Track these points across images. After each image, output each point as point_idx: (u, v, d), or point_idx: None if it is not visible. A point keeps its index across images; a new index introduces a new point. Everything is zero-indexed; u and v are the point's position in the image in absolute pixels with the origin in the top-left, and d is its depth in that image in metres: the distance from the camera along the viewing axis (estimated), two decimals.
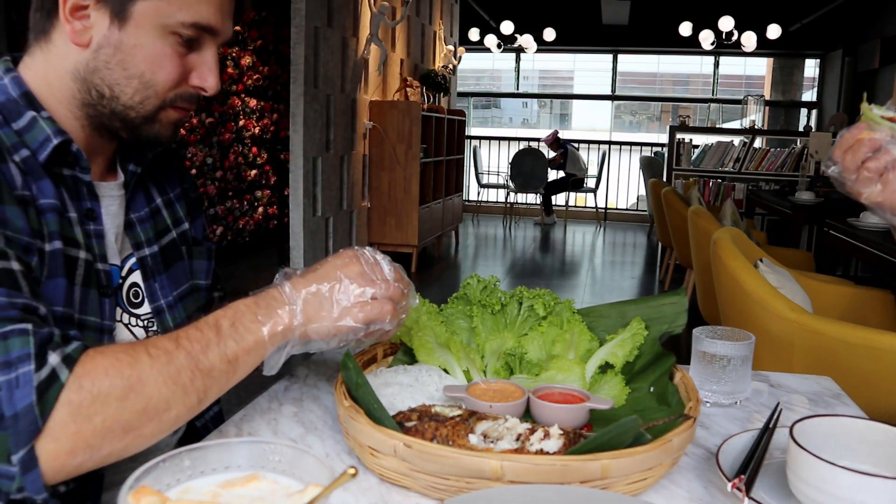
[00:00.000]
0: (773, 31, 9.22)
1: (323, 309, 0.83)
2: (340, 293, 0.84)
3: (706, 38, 9.36)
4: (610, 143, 10.47)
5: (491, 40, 9.62)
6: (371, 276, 0.86)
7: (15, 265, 0.74)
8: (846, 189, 0.78)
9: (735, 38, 9.28)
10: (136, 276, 0.97)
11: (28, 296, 0.74)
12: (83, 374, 0.71)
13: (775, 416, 0.87)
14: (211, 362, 0.77)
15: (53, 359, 0.70)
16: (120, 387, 0.72)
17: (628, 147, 10.83)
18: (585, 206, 10.32)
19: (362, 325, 0.84)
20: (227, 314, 0.80)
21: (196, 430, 1.07)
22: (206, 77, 0.89)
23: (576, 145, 9.75)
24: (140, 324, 0.97)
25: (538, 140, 10.03)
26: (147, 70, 0.85)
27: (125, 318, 0.96)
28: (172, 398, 0.75)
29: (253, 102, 6.86)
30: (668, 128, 7.34)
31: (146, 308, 0.98)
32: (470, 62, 10.57)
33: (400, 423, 0.81)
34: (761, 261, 2.33)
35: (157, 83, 0.86)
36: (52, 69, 0.87)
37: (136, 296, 0.98)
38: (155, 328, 0.99)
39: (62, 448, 0.69)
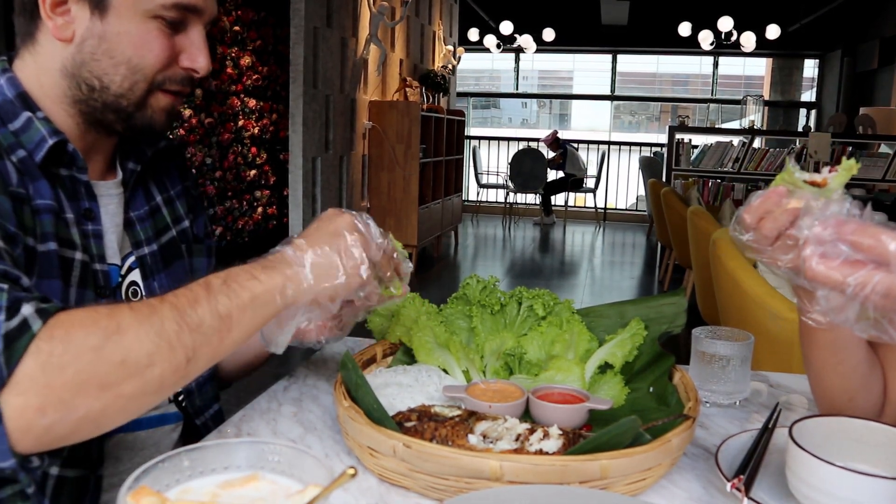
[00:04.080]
0: (773, 32, 9.23)
1: (331, 269, 0.78)
2: (337, 235, 0.80)
3: (705, 38, 9.36)
4: (609, 143, 10.47)
5: (490, 40, 9.62)
6: (367, 238, 0.82)
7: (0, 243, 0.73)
8: (761, 256, 0.72)
9: (734, 38, 9.29)
10: (136, 275, 0.97)
11: (9, 265, 0.71)
12: (56, 325, 0.65)
13: (774, 416, 0.87)
14: (200, 317, 0.71)
15: (27, 310, 0.65)
16: (96, 336, 0.65)
17: (627, 147, 10.83)
18: (585, 207, 10.32)
19: (370, 276, 0.81)
20: (220, 274, 0.75)
21: (196, 428, 1.07)
22: (195, 57, 0.88)
23: (575, 145, 9.75)
24: None
25: (537, 140, 10.03)
26: (134, 55, 0.84)
27: None
28: (156, 352, 0.67)
29: (252, 102, 6.86)
30: (667, 128, 7.34)
31: None
32: (469, 62, 10.57)
33: (399, 423, 0.81)
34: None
35: (144, 67, 0.85)
36: (42, 69, 0.87)
37: (135, 294, 0.97)
38: None
39: (30, 403, 0.62)
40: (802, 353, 0.91)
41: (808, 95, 11.85)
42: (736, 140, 7.35)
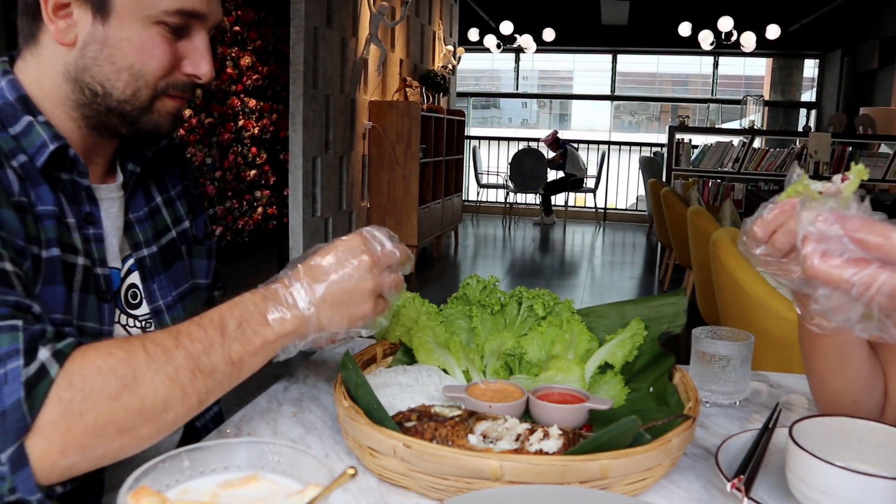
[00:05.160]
0: (773, 32, 9.23)
1: (336, 314, 0.80)
2: (353, 292, 0.80)
3: (705, 38, 9.36)
4: (609, 143, 10.47)
5: (490, 40, 9.62)
6: (381, 268, 0.82)
7: (8, 266, 0.73)
8: (772, 269, 0.69)
9: (734, 38, 9.29)
10: (135, 277, 0.97)
11: (21, 294, 0.72)
12: (74, 371, 0.68)
13: (774, 416, 0.87)
14: (213, 363, 0.74)
15: (43, 354, 0.68)
16: (113, 385, 0.69)
17: (628, 147, 10.83)
18: (585, 207, 10.32)
19: (372, 315, 0.82)
20: (234, 313, 0.77)
21: (196, 430, 1.07)
22: (198, 64, 0.88)
23: (575, 145, 9.75)
24: (138, 325, 0.97)
25: (537, 140, 10.03)
26: (136, 61, 0.84)
27: (122, 319, 0.95)
28: (171, 399, 0.72)
29: (252, 102, 6.86)
30: (667, 128, 7.34)
31: (144, 309, 0.98)
32: (469, 62, 10.57)
33: (399, 423, 0.81)
34: None
35: (147, 73, 0.85)
36: (44, 72, 0.86)
37: (135, 297, 0.97)
38: (153, 329, 0.98)
39: (53, 447, 0.67)
40: (804, 358, 0.90)
41: (809, 95, 11.84)
42: (736, 140, 7.35)
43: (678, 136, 7.12)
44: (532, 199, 10.33)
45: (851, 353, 0.85)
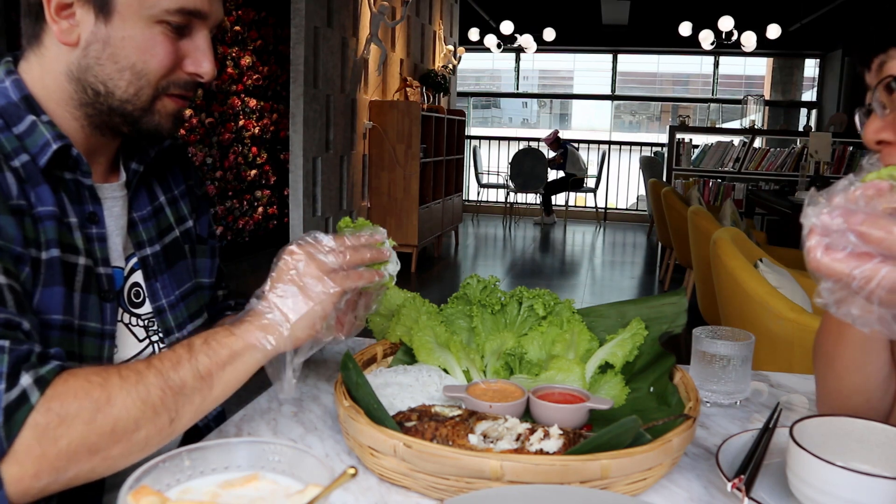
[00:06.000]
0: (773, 31, 9.22)
1: (298, 300, 0.79)
2: (300, 278, 0.80)
3: (706, 38, 9.36)
4: (610, 142, 10.47)
5: (491, 40, 9.62)
6: (318, 255, 0.82)
7: (1, 279, 0.73)
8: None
9: (735, 38, 9.28)
10: (138, 276, 0.97)
11: (12, 311, 0.73)
12: (53, 397, 0.70)
13: (775, 416, 0.87)
14: (182, 378, 0.75)
15: (25, 380, 0.69)
16: (88, 409, 0.70)
17: (628, 147, 10.83)
18: (585, 206, 10.31)
19: (339, 288, 0.81)
20: (203, 334, 0.80)
21: (198, 429, 1.07)
22: (200, 62, 0.88)
23: (576, 145, 9.75)
24: (140, 323, 0.97)
25: (538, 140, 10.03)
26: (138, 60, 0.84)
27: (126, 317, 0.95)
28: (141, 418, 0.73)
29: (253, 102, 6.86)
30: (667, 128, 7.34)
31: (147, 307, 0.98)
32: (470, 62, 10.57)
33: (400, 423, 0.81)
34: (761, 261, 2.33)
35: (149, 72, 0.85)
36: (47, 72, 0.87)
37: (137, 295, 0.97)
38: (155, 327, 0.99)
39: (26, 471, 0.68)
40: (822, 354, 0.89)
41: (809, 95, 11.83)
42: (736, 140, 7.35)
43: (678, 135, 7.12)
44: (532, 198, 10.33)
45: (877, 348, 0.85)
